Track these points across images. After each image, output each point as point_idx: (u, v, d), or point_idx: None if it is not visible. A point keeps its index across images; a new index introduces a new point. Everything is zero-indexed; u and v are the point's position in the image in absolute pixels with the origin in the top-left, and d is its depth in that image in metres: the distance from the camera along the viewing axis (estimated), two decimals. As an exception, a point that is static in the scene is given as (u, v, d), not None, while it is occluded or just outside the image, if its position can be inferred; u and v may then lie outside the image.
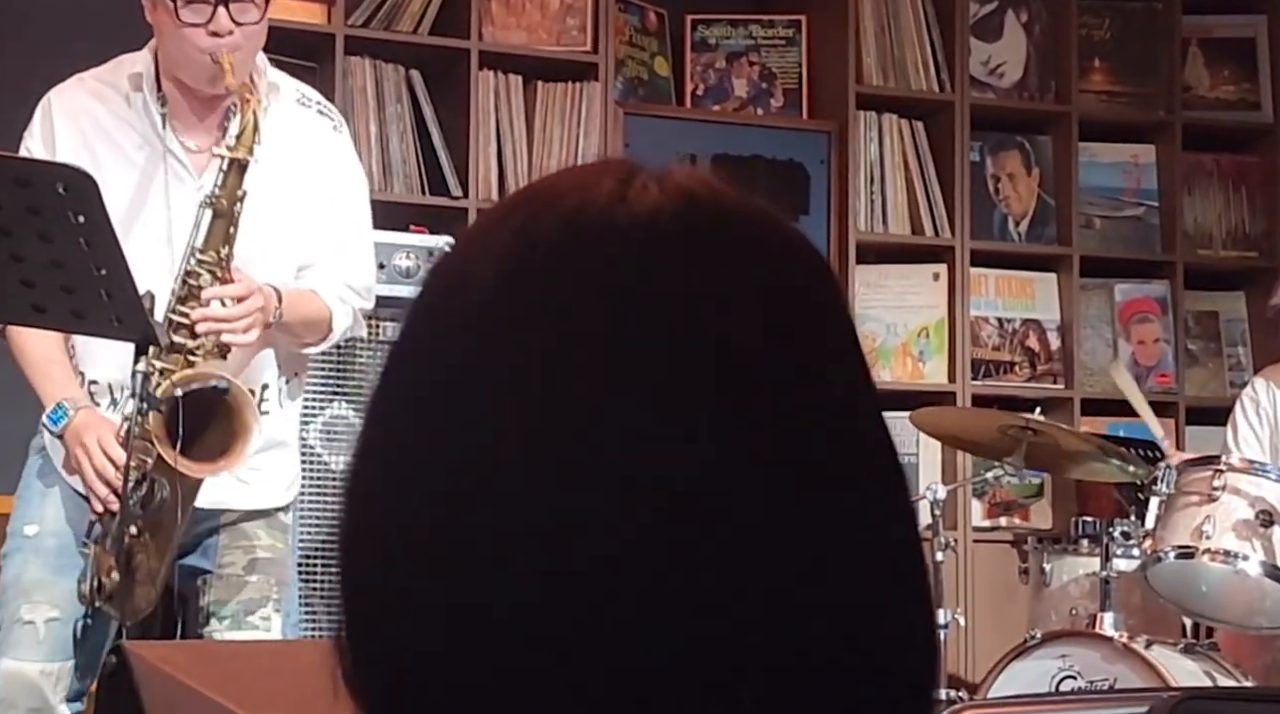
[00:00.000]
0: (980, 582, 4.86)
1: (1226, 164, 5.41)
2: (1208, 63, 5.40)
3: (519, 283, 0.68)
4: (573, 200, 0.70)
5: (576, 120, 4.71)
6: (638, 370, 0.67)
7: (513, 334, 0.68)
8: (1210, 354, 5.34)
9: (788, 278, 0.71)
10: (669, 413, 0.66)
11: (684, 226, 0.69)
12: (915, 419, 4.31)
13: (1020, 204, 5.19)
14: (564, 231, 0.69)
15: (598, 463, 0.66)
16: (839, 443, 0.70)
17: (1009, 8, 5.22)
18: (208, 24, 2.85)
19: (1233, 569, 3.87)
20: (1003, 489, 4.97)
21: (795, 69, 5.07)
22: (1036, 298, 5.16)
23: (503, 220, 0.71)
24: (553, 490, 0.66)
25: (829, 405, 0.70)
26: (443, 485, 0.68)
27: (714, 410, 0.67)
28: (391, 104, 4.59)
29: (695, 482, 0.66)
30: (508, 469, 0.67)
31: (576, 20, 4.76)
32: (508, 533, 0.66)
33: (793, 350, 0.69)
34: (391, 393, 0.71)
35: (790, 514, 0.67)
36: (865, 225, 4.98)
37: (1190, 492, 3.95)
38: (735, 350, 0.68)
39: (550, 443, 0.67)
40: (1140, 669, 3.80)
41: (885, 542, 0.70)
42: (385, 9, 4.60)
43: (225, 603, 2.97)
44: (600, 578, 0.65)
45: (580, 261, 0.68)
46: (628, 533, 0.66)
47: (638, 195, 0.69)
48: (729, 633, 0.65)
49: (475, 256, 0.71)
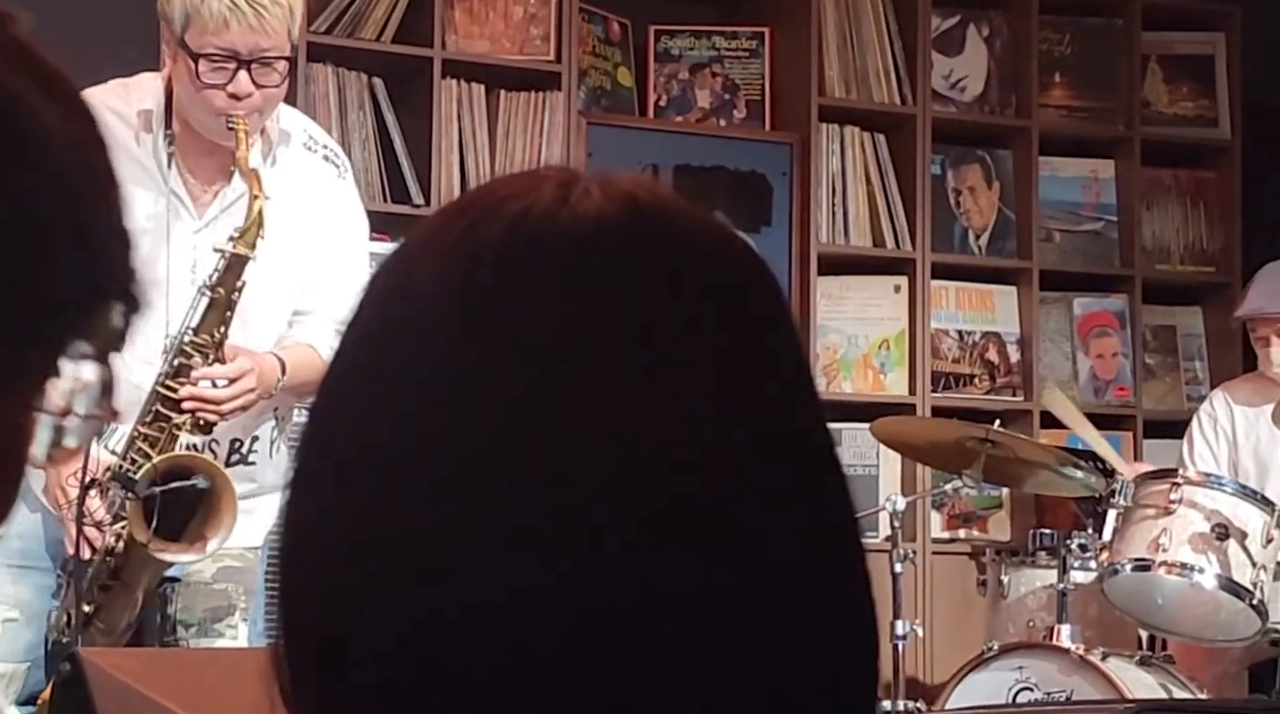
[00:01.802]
0: (939, 593, 4.88)
1: (1185, 180, 5.44)
2: (1167, 79, 5.44)
3: (464, 288, 0.68)
4: (516, 205, 0.70)
5: (539, 130, 4.71)
6: (582, 373, 0.67)
7: (458, 339, 0.68)
8: (1168, 368, 5.37)
9: (730, 282, 0.71)
10: (614, 416, 0.66)
11: (627, 230, 0.69)
12: (875, 429, 4.32)
13: (981, 217, 5.21)
14: (508, 236, 0.69)
15: (544, 466, 0.66)
16: (778, 450, 0.69)
17: (971, 22, 5.25)
18: (227, 85, 2.77)
19: (1188, 582, 3.89)
20: (962, 501, 4.99)
21: (758, 80, 5.08)
22: (996, 311, 5.18)
23: (446, 226, 0.71)
24: (500, 498, 0.66)
25: (769, 412, 0.70)
26: (386, 493, 0.67)
27: (657, 414, 0.67)
28: (354, 112, 4.58)
29: (636, 488, 0.66)
30: (453, 475, 0.66)
31: (540, 30, 4.76)
32: (453, 541, 0.66)
33: (734, 355, 0.69)
34: (336, 398, 0.71)
35: (729, 523, 0.67)
36: (827, 237, 5.00)
37: (1147, 505, 3.97)
38: (678, 355, 0.68)
39: (496, 447, 0.66)
40: (1096, 681, 3.82)
41: (825, 557, 0.70)
42: (348, 16, 4.59)
43: (192, 610, 2.95)
44: (542, 591, 0.65)
45: (525, 265, 0.68)
46: (575, 541, 0.66)
47: (580, 200, 0.70)
48: (666, 650, 0.65)
49: (419, 262, 0.71)
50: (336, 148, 3.12)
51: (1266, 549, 3.89)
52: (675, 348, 0.68)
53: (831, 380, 5.01)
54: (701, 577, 0.66)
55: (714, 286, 0.70)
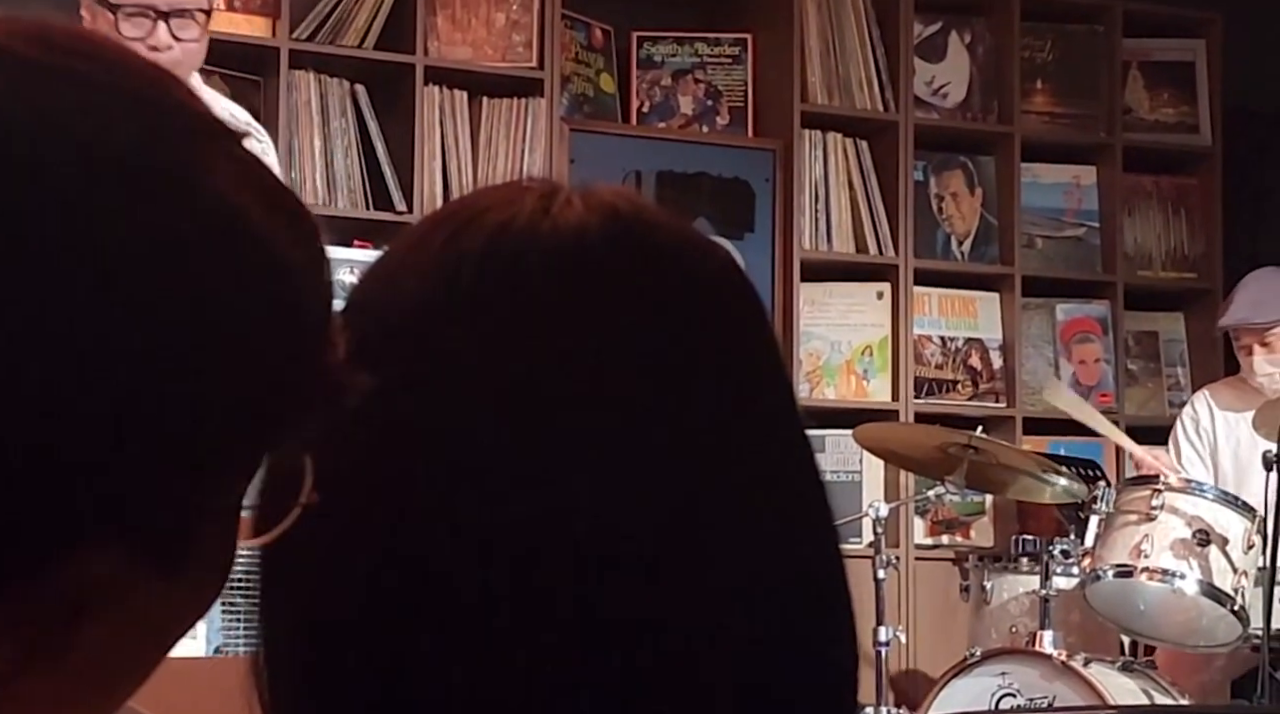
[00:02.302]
0: (922, 599, 4.88)
1: (1166, 186, 5.46)
2: (1148, 85, 5.46)
3: (448, 299, 0.68)
4: (498, 216, 0.70)
5: (521, 136, 4.71)
6: (564, 384, 0.67)
7: (441, 348, 0.68)
8: (1150, 374, 5.38)
9: (711, 292, 0.71)
10: (598, 425, 0.66)
11: (609, 240, 0.69)
12: (858, 435, 4.32)
13: (963, 223, 5.22)
14: (490, 247, 0.69)
15: (525, 477, 0.66)
16: (759, 457, 0.69)
17: (953, 29, 5.26)
18: (147, 39, 2.82)
19: (1170, 588, 3.90)
20: (945, 507, 5.00)
21: (741, 87, 5.09)
22: (979, 317, 5.19)
23: (428, 236, 0.71)
24: (478, 506, 0.66)
25: (750, 419, 0.70)
26: (367, 503, 0.67)
27: (638, 425, 0.67)
28: (336, 118, 4.57)
29: (622, 497, 0.66)
30: (433, 485, 0.66)
31: (522, 36, 4.76)
32: (435, 553, 0.66)
33: (716, 364, 0.69)
34: None
35: (707, 531, 0.67)
36: (810, 243, 5.00)
37: (1129, 511, 3.98)
38: (659, 364, 0.68)
39: (479, 455, 0.66)
40: (1079, 687, 3.83)
41: (803, 566, 0.70)
42: (330, 23, 4.58)
43: None
44: (518, 600, 0.65)
45: (508, 276, 0.68)
46: (560, 548, 0.65)
47: (561, 211, 0.70)
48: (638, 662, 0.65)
49: (402, 273, 0.71)
50: (258, 125, 3.19)
51: (1247, 555, 3.90)
52: (658, 357, 0.68)
53: (814, 387, 5.01)
54: (688, 588, 0.66)
55: (695, 296, 0.70)
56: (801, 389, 4.95)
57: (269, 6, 4.53)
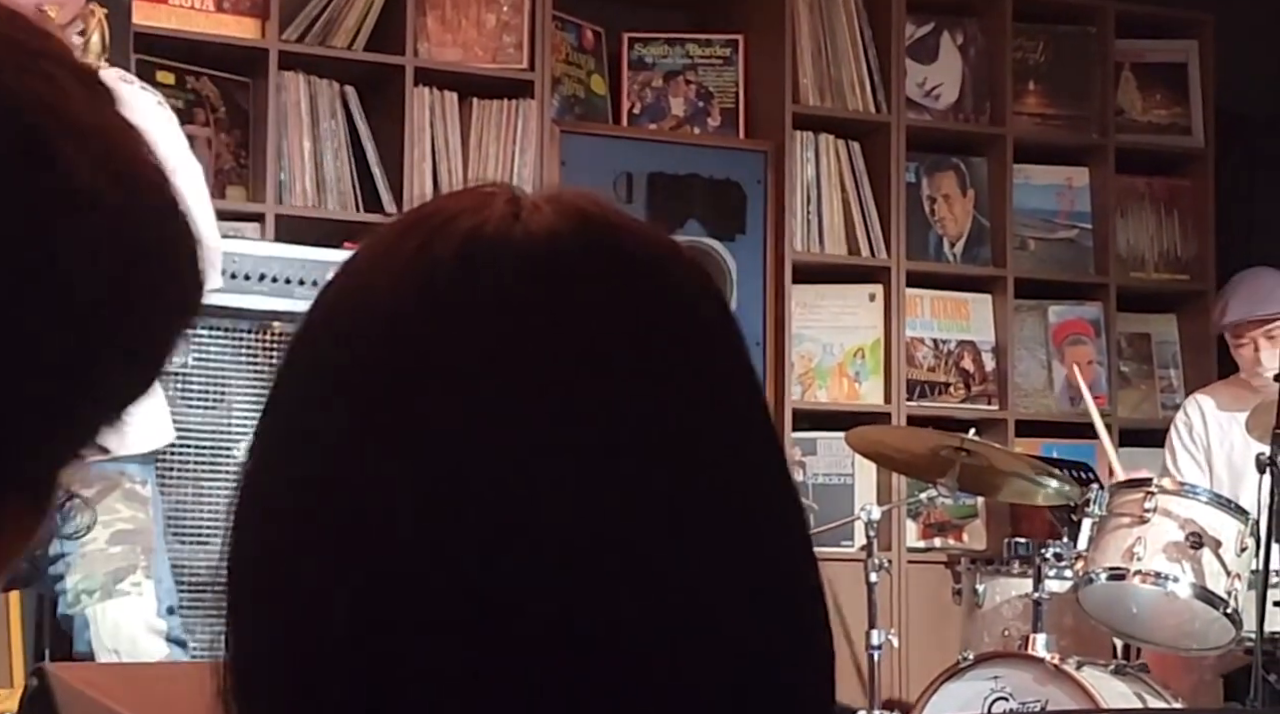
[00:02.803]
0: (914, 602, 4.87)
1: (1158, 187, 5.45)
2: (1140, 86, 5.45)
3: (420, 302, 0.69)
4: (468, 222, 0.70)
5: (512, 138, 4.70)
6: (537, 388, 0.67)
7: (414, 352, 0.68)
8: (1142, 376, 5.38)
9: (680, 295, 0.72)
10: (570, 429, 0.67)
11: (580, 245, 0.70)
12: (851, 438, 4.31)
13: (955, 225, 5.21)
14: (463, 251, 0.69)
15: (502, 481, 0.66)
16: (729, 461, 0.70)
17: (945, 30, 5.25)
18: None
19: (1163, 591, 3.89)
20: (937, 510, 4.99)
21: (732, 88, 5.08)
22: (971, 319, 5.18)
23: (397, 242, 0.71)
24: (455, 512, 0.65)
25: (720, 423, 0.70)
26: (344, 510, 0.67)
27: (613, 428, 0.67)
28: (326, 120, 4.56)
29: (591, 499, 0.66)
30: (407, 491, 0.66)
31: (513, 38, 4.75)
32: (414, 560, 0.66)
33: (685, 368, 0.70)
34: (285, 410, 0.71)
35: (683, 535, 0.67)
36: (802, 245, 4.99)
37: (1122, 513, 3.97)
38: (632, 368, 0.68)
39: (455, 460, 0.66)
40: (1071, 690, 3.81)
41: (778, 566, 0.70)
42: (320, 24, 4.57)
43: (93, 576, 2.94)
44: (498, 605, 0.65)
45: (481, 281, 0.69)
46: (544, 552, 0.65)
47: (531, 216, 0.70)
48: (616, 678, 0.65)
49: (373, 275, 0.71)
50: (149, 86, 3.20)
51: (1240, 558, 3.89)
52: (631, 361, 0.68)
53: (806, 389, 5.00)
54: (667, 590, 0.66)
55: (664, 300, 0.71)
56: (794, 391, 4.94)
57: (258, 8, 4.51)
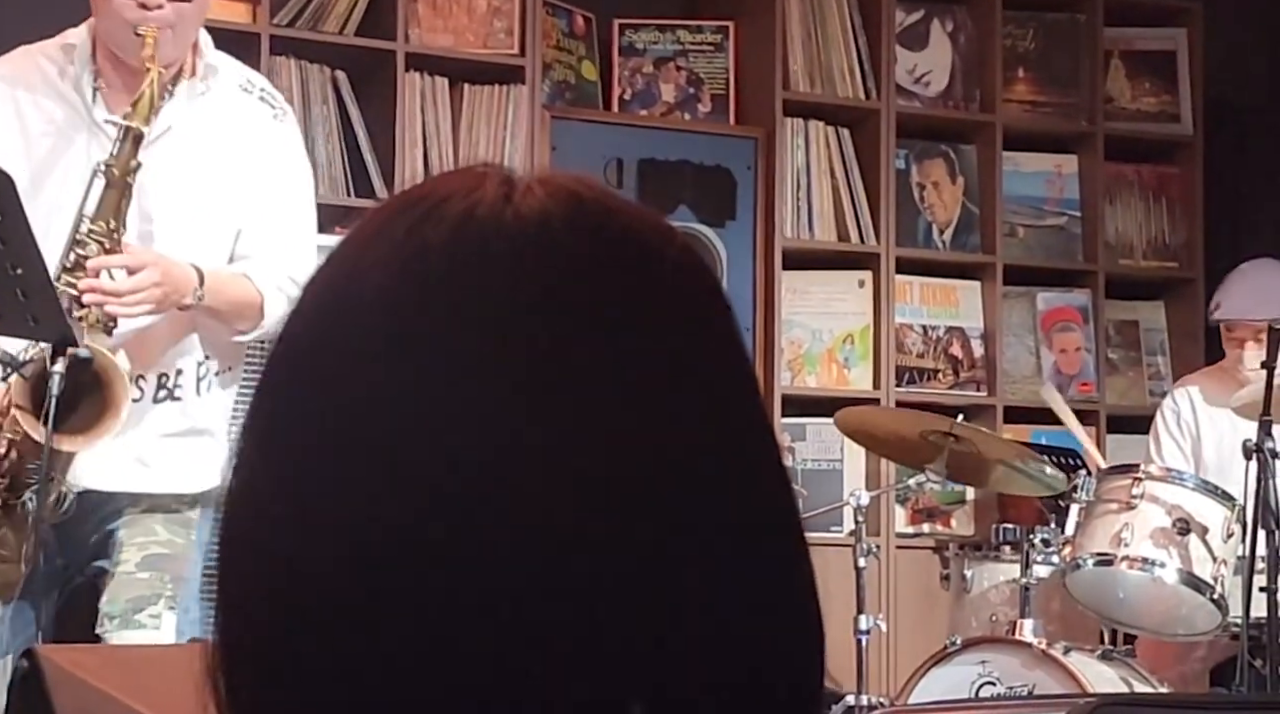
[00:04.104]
0: (902, 588, 4.89)
1: (1147, 175, 5.47)
2: (1129, 74, 5.46)
3: (413, 287, 0.68)
4: (460, 204, 0.69)
5: (503, 123, 4.70)
6: (532, 371, 0.67)
7: (409, 338, 0.67)
8: (1130, 363, 5.39)
9: (674, 277, 0.71)
10: (564, 411, 0.66)
11: (573, 227, 0.69)
12: (840, 420, 4.32)
13: (945, 212, 5.22)
14: (454, 234, 0.68)
15: (495, 466, 0.65)
16: (720, 443, 0.69)
17: (934, 17, 5.26)
18: None
19: (1150, 577, 3.90)
20: (926, 496, 5.00)
21: (723, 75, 5.08)
22: (960, 306, 5.19)
23: (388, 225, 0.70)
24: (447, 498, 0.65)
25: (713, 405, 0.70)
26: (333, 495, 0.66)
27: (605, 408, 0.67)
28: (317, 105, 4.56)
29: (590, 481, 0.66)
30: (402, 479, 0.66)
31: (504, 23, 4.75)
32: (400, 547, 0.65)
33: (679, 349, 0.69)
34: (277, 399, 0.70)
35: (671, 517, 0.67)
36: (791, 232, 5.00)
37: (1109, 499, 3.98)
38: (626, 350, 0.68)
39: (452, 444, 0.66)
40: (1058, 675, 3.83)
41: (761, 557, 0.69)
42: (311, 9, 4.57)
43: (115, 601, 2.90)
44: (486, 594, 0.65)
45: (473, 264, 0.68)
46: (529, 532, 0.65)
47: (523, 199, 0.70)
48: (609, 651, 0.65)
49: (365, 259, 0.70)
50: (275, 92, 3.15)
51: (1227, 544, 3.90)
52: (622, 342, 0.68)
53: (796, 375, 5.01)
54: (647, 568, 0.66)
55: (658, 282, 0.70)
56: (783, 377, 4.95)
57: (249, -8, 4.51)
